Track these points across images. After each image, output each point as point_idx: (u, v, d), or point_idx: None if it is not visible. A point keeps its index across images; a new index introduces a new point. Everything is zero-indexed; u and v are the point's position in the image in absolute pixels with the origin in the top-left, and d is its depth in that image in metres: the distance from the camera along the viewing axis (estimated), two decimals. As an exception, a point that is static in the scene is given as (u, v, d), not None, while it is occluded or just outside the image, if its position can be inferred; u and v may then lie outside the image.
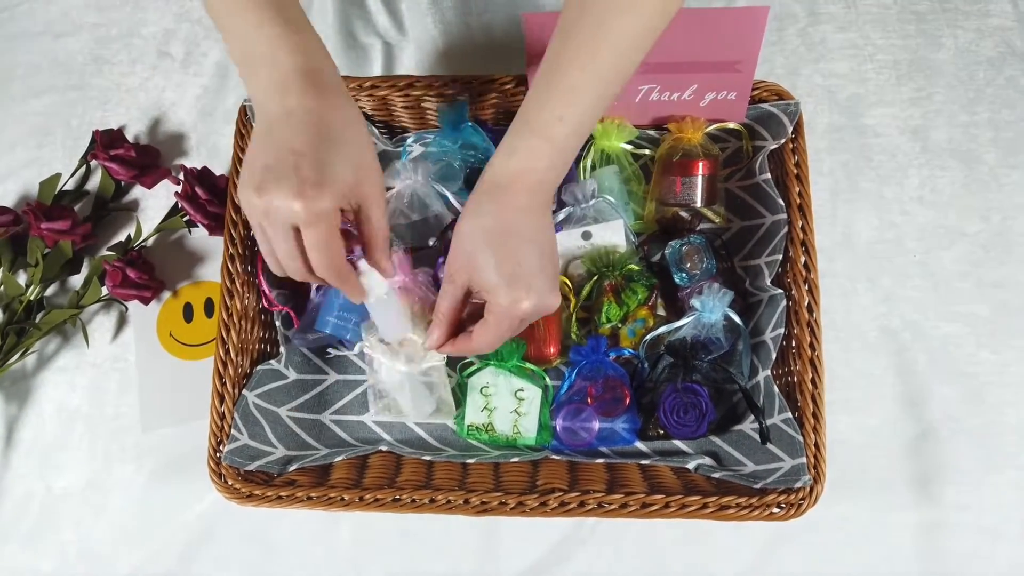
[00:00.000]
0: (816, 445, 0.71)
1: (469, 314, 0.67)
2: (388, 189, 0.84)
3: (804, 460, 0.70)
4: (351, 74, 0.81)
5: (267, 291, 0.80)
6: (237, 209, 0.80)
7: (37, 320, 0.89)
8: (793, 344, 0.75)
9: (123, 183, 0.95)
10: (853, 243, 0.90)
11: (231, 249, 0.79)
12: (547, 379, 0.81)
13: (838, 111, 0.95)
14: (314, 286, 0.82)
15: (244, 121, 0.82)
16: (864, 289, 0.88)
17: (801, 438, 0.71)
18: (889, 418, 0.84)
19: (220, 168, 0.92)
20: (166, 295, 0.92)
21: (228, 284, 0.78)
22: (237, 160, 0.81)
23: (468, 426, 0.80)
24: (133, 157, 0.92)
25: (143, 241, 0.92)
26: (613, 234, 0.81)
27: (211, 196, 0.88)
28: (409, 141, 0.87)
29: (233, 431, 0.75)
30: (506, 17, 1.01)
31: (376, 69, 0.99)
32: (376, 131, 0.87)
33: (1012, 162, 0.91)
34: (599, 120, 0.62)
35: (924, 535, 0.81)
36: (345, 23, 1.01)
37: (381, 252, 0.62)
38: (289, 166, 0.54)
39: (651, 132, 0.84)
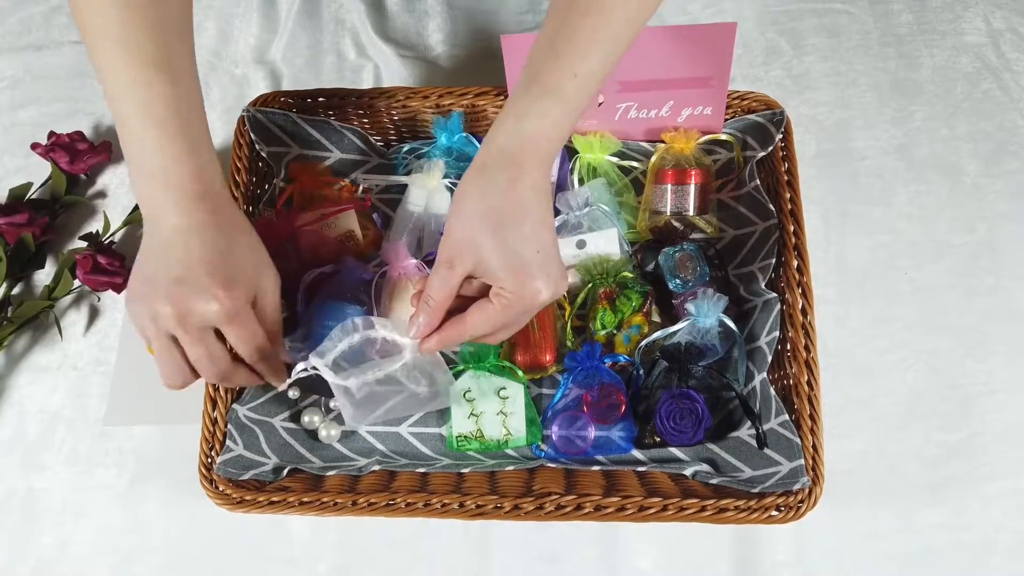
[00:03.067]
0: (814, 447, 0.70)
1: (458, 306, 0.62)
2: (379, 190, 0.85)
3: (802, 462, 0.70)
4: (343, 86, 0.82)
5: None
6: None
7: (10, 314, 0.88)
8: (788, 347, 0.75)
9: (81, 176, 0.97)
10: (846, 267, 0.90)
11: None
12: (519, 371, 0.79)
13: (825, 138, 0.97)
14: (300, 299, 0.81)
15: (242, 131, 0.83)
16: (857, 313, 0.88)
17: (799, 440, 0.71)
18: (875, 442, 0.83)
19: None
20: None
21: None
22: (235, 167, 0.82)
23: (457, 437, 0.79)
24: (85, 148, 0.94)
25: (112, 235, 0.93)
26: (607, 243, 0.82)
27: None
28: (403, 151, 0.88)
29: (228, 442, 0.74)
30: (491, 42, 1.04)
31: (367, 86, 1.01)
32: (372, 141, 0.88)
33: (993, 171, 0.94)
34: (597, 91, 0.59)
35: (916, 557, 0.79)
36: (335, 43, 1.04)
37: (276, 344, 0.66)
38: (202, 274, 0.58)
39: (643, 144, 0.86)
